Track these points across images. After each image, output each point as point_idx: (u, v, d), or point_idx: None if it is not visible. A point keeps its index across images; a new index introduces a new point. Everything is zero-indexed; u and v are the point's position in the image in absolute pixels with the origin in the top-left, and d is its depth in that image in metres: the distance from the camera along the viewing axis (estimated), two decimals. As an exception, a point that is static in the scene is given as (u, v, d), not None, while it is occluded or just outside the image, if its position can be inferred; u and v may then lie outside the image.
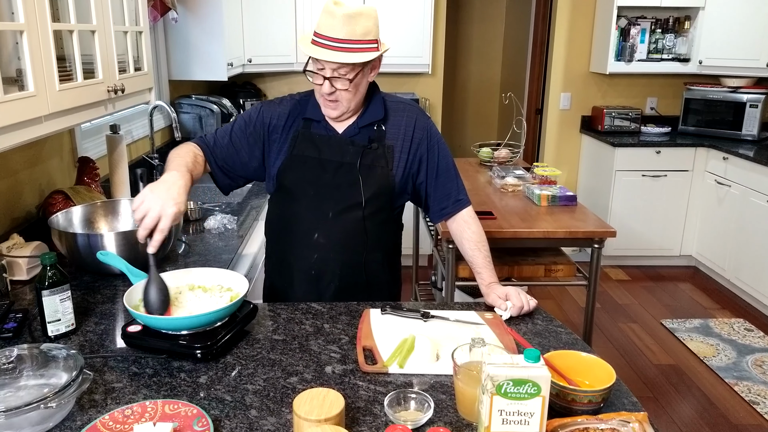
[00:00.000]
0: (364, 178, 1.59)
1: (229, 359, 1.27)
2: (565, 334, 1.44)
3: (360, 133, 1.62)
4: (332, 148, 1.61)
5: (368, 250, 1.64)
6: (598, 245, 2.39)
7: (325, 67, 1.50)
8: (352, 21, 1.45)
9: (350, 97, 1.54)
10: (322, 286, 1.65)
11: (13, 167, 1.91)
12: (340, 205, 1.60)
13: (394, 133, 1.63)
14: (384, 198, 1.62)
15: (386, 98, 1.67)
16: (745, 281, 3.97)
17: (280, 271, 1.71)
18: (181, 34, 3.30)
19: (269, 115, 1.65)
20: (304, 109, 1.65)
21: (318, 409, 0.99)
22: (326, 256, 1.62)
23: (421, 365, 1.25)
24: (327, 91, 1.52)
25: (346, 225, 1.60)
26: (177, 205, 1.31)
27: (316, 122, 1.63)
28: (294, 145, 1.62)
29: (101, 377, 1.20)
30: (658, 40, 4.51)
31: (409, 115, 1.66)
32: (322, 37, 1.48)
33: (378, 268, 1.68)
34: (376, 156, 1.60)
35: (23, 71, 1.32)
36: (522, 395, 0.94)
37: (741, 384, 3.06)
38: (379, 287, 1.70)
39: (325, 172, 1.60)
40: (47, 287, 1.32)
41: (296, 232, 1.63)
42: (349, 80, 1.50)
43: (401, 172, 1.63)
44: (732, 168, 4.08)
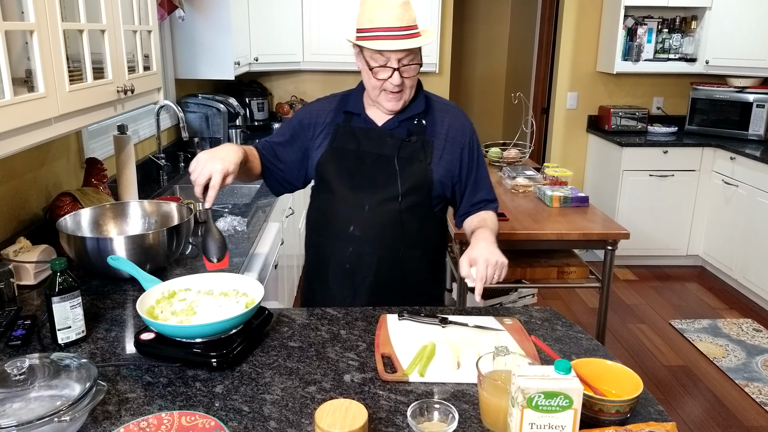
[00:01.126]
0: (401, 170, 1.57)
1: (245, 368, 1.24)
2: (585, 340, 1.41)
3: (399, 126, 1.61)
4: (371, 140, 1.60)
5: (406, 246, 1.61)
6: (612, 247, 2.36)
7: (390, 59, 1.50)
8: (407, 7, 1.49)
9: (412, 86, 1.56)
10: (357, 280, 1.62)
11: (19, 169, 1.88)
12: (376, 197, 1.58)
13: (436, 130, 1.62)
14: (422, 192, 1.59)
15: (430, 95, 1.68)
16: (752, 281, 3.94)
17: (316, 265, 1.69)
18: (188, 33, 3.26)
19: (307, 115, 1.68)
20: (346, 103, 1.66)
21: (341, 421, 0.96)
22: (361, 250, 1.60)
23: (442, 373, 1.22)
24: (397, 83, 1.52)
25: (382, 218, 1.58)
26: (223, 162, 1.37)
27: (356, 115, 1.64)
28: (334, 138, 1.63)
29: (114, 387, 1.17)
30: (665, 39, 4.48)
31: (453, 116, 1.66)
32: (382, 30, 1.48)
33: (417, 266, 1.65)
34: (415, 149, 1.59)
35: (33, 72, 1.29)
36: (554, 408, 0.91)
37: (752, 385, 3.04)
38: (418, 287, 1.67)
39: (363, 164, 1.59)
40: (57, 293, 1.29)
41: (333, 224, 1.62)
42: (417, 65, 1.52)
43: (441, 170, 1.60)
44: (739, 168, 4.05)
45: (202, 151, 1.42)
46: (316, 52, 4.23)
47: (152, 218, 1.90)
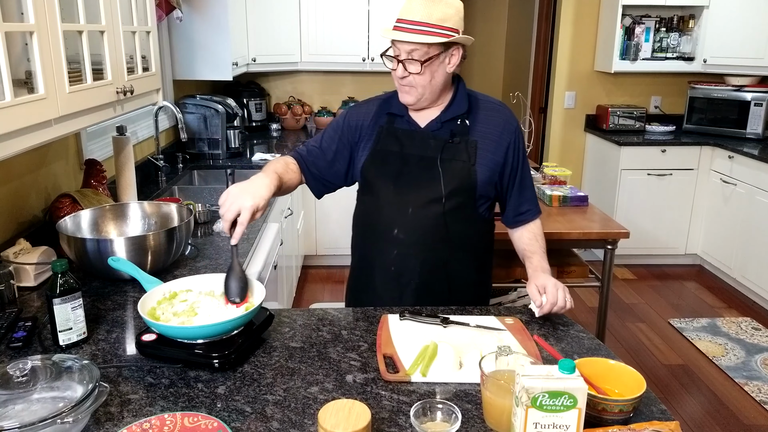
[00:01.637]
0: (444, 172, 1.56)
1: (246, 368, 1.24)
2: (587, 339, 1.41)
3: (442, 128, 1.60)
4: (414, 142, 1.59)
5: (450, 248, 1.60)
6: (611, 246, 2.37)
7: (400, 51, 1.50)
8: (431, 5, 1.46)
9: (425, 83, 1.53)
10: (402, 283, 1.62)
11: (19, 171, 1.87)
12: (420, 199, 1.57)
13: (480, 129, 1.60)
14: (466, 194, 1.58)
15: (476, 95, 1.66)
16: (751, 280, 3.95)
17: (362, 267, 1.69)
18: (186, 34, 3.26)
19: (355, 117, 1.68)
20: (389, 104, 1.65)
21: (344, 422, 0.95)
22: (406, 253, 1.59)
23: (444, 373, 1.22)
24: (400, 75, 1.52)
25: (425, 221, 1.57)
26: (254, 198, 1.35)
27: (399, 117, 1.63)
28: (378, 141, 1.63)
29: (116, 388, 1.17)
30: (663, 38, 4.48)
31: (499, 115, 1.63)
32: (400, 21, 1.49)
33: (462, 268, 1.64)
34: (458, 150, 1.57)
35: (33, 73, 1.28)
36: (558, 407, 0.91)
37: (751, 384, 3.04)
38: (464, 288, 1.66)
39: (407, 166, 1.58)
40: (58, 295, 1.29)
41: (377, 227, 1.62)
42: (420, 62, 1.49)
43: (486, 171, 1.58)
44: (738, 167, 4.05)
45: (234, 185, 1.39)
46: (314, 52, 4.23)
47: (152, 219, 1.89)
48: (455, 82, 1.63)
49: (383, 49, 1.57)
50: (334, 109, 4.64)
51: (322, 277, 4.28)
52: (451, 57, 1.54)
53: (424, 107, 1.60)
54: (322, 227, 4.22)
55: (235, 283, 1.34)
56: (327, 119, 4.57)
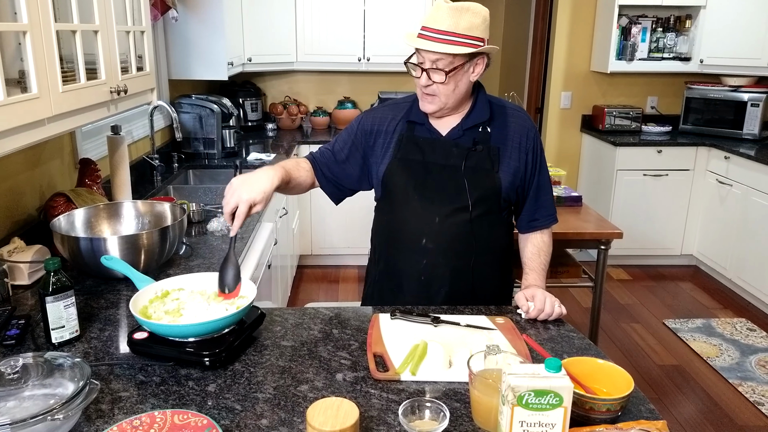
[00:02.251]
0: (469, 180, 1.56)
1: (237, 366, 1.25)
2: (577, 339, 1.42)
3: (464, 135, 1.59)
4: (436, 151, 1.58)
5: (477, 254, 1.60)
6: (605, 246, 2.38)
7: (424, 60, 1.49)
8: (457, 14, 1.45)
9: (448, 93, 1.52)
10: (432, 291, 1.62)
11: (13, 169, 1.88)
12: (446, 208, 1.57)
13: (501, 135, 1.60)
14: (491, 201, 1.58)
15: (493, 100, 1.65)
16: (746, 281, 3.96)
17: (389, 277, 1.67)
18: (181, 33, 3.26)
19: (369, 122, 1.66)
20: (409, 111, 1.64)
21: (332, 419, 0.96)
22: (436, 262, 1.59)
23: (433, 372, 1.23)
24: (424, 83, 1.51)
25: (453, 229, 1.57)
26: (251, 192, 1.36)
27: (420, 125, 1.61)
28: (399, 149, 1.61)
29: (107, 386, 1.17)
30: (659, 39, 4.49)
31: (517, 120, 1.62)
32: (426, 29, 1.48)
33: (488, 271, 1.65)
34: (481, 158, 1.57)
35: (26, 72, 1.29)
36: (544, 406, 0.92)
37: (745, 384, 3.05)
38: (490, 292, 1.67)
39: (430, 175, 1.58)
40: (51, 293, 1.29)
41: (404, 238, 1.61)
42: (445, 72, 1.48)
43: (509, 177, 1.58)
44: (733, 167, 4.07)
45: (236, 177, 1.40)
46: (309, 52, 4.24)
47: (146, 218, 1.90)
48: (475, 88, 1.62)
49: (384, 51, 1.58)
50: (330, 109, 4.65)
51: (318, 276, 4.29)
52: (475, 66, 1.53)
53: (445, 115, 1.60)
54: (318, 227, 4.23)
55: (229, 273, 1.37)
56: (323, 119, 4.57)
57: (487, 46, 1.50)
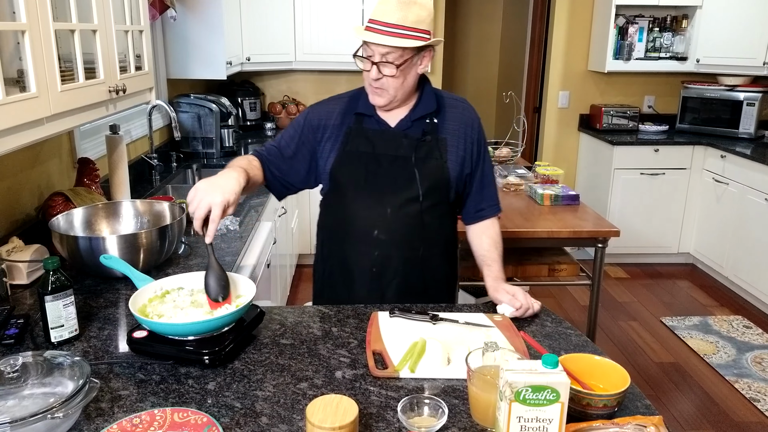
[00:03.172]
0: (419, 170, 1.57)
1: (237, 365, 1.25)
2: (575, 336, 1.43)
3: (413, 126, 1.60)
4: (386, 142, 1.59)
5: (427, 245, 1.62)
6: (602, 245, 2.38)
7: (374, 53, 1.50)
8: (405, 7, 1.46)
9: (397, 85, 1.53)
10: (384, 283, 1.63)
11: (12, 169, 1.88)
12: (398, 200, 1.58)
13: (447, 126, 1.62)
14: (441, 191, 1.61)
15: (439, 93, 1.66)
16: (743, 279, 3.98)
17: (341, 272, 1.68)
18: (180, 33, 3.26)
19: (316, 116, 1.66)
20: (356, 104, 1.64)
21: (332, 416, 0.97)
22: (387, 253, 1.60)
23: (432, 369, 1.24)
24: (374, 77, 1.51)
25: (405, 220, 1.59)
26: (223, 193, 1.32)
27: (368, 117, 1.62)
28: (347, 141, 1.61)
29: (107, 384, 1.18)
30: (656, 38, 4.51)
31: (463, 111, 1.65)
32: (374, 22, 1.48)
33: (438, 262, 1.67)
34: (430, 148, 1.59)
35: (25, 72, 1.29)
36: (541, 402, 0.92)
37: (741, 381, 3.07)
38: (440, 282, 1.69)
39: (380, 166, 1.59)
40: (50, 292, 1.29)
41: (355, 230, 1.61)
42: (396, 65, 1.49)
43: (457, 167, 1.61)
44: (730, 166, 4.08)
45: (201, 180, 1.36)
46: (308, 51, 4.24)
47: (144, 218, 1.90)
48: (421, 81, 1.63)
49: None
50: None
51: (317, 275, 4.28)
52: (423, 59, 1.55)
53: (394, 108, 1.61)
54: (317, 226, 4.22)
55: (215, 281, 1.33)
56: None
57: (434, 38, 1.53)
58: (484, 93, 6.57)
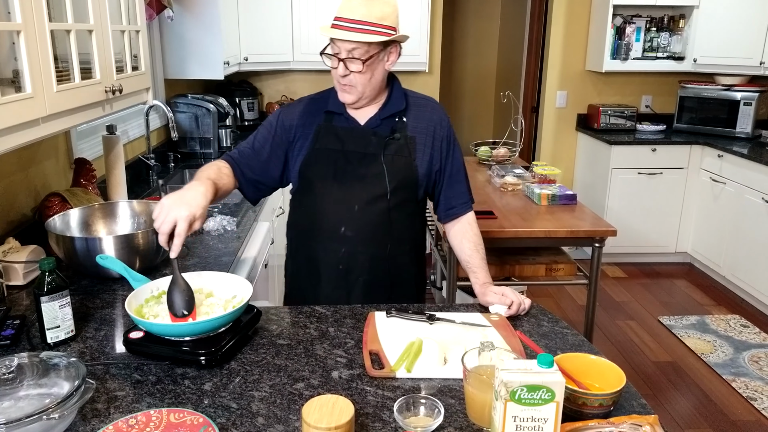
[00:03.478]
0: (388, 168, 1.58)
1: (233, 365, 1.25)
2: (571, 335, 1.43)
3: (382, 125, 1.62)
4: (355, 140, 1.60)
5: (394, 243, 1.63)
6: (599, 244, 2.39)
7: (340, 50, 1.51)
8: (370, 3, 1.47)
9: (365, 82, 1.54)
10: (350, 280, 1.63)
11: (8, 169, 1.88)
12: (366, 196, 1.59)
13: (416, 125, 1.63)
14: (409, 189, 1.62)
15: (408, 92, 1.68)
16: (740, 278, 3.99)
17: (308, 269, 1.68)
18: (177, 33, 3.26)
19: (288, 117, 1.67)
20: (325, 103, 1.65)
21: (328, 416, 0.97)
22: (354, 250, 1.61)
23: (429, 369, 1.24)
24: (341, 73, 1.52)
25: (372, 217, 1.59)
26: (189, 208, 1.30)
27: (338, 115, 1.63)
28: (317, 139, 1.62)
29: (103, 385, 1.18)
30: (653, 38, 4.51)
31: (432, 111, 1.67)
32: (339, 19, 1.49)
33: (405, 261, 1.68)
34: (399, 146, 1.60)
35: (20, 72, 1.29)
36: (536, 401, 0.92)
37: (738, 380, 3.07)
38: (407, 281, 1.70)
39: (349, 163, 1.59)
40: (46, 293, 1.29)
41: (323, 227, 1.62)
42: (362, 61, 1.49)
43: (425, 165, 1.62)
44: (727, 165, 4.09)
45: (166, 196, 1.33)
46: (306, 51, 4.23)
47: (141, 218, 1.90)
48: (390, 79, 1.65)
49: None
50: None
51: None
52: (389, 55, 1.56)
53: (363, 105, 1.62)
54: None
55: (179, 296, 1.30)
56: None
57: (400, 34, 1.54)
58: (482, 92, 6.57)
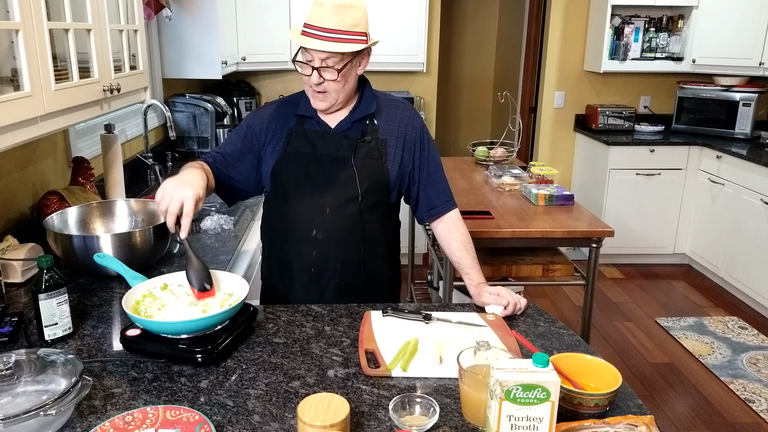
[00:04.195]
0: (359, 171, 1.58)
1: (229, 363, 1.26)
2: (567, 335, 1.43)
3: (352, 128, 1.62)
4: (326, 143, 1.61)
5: (367, 246, 1.63)
6: (596, 245, 2.39)
7: (314, 58, 1.50)
8: (342, 12, 1.46)
9: (338, 89, 1.54)
10: (323, 283, 1.64)
11: (7, 168, 1.88)
12: (337, 200, 1.59)
13: (386, 128, 1.64)
14: (380, 192, 1.62)
15: (377, 94, 1.68)
16: (738, 279, 3.99)
17: (281, 272, 1.69)
18: (175, 32, 3.26)
19: (257, 121, 1.67)
20: (296, 106, 1.65)
21: (323, 414, 0.97)
22: (326, 253, 1.61)
23: (424, 368, 1.24)
24: (315, 82, 1.52)
25: (344, 220, 1.60)
26: (194, 188, 1.35)
27: (309, 118, 1.63)
28: (288, 143, 1.62)
29: (100, 382, 1.18)
30: (652, 38, 4.52)
31: (402, 112, 1.67)
32: (312, 27, 1.48)
33: (379, 264, 1.68)
34: (370, 149, 1.61)
35: (19, 71, 1.29)
36: (531, 400, 0.93)
37: (736, 382, 3.08)
38: (381, 284, 1.70)
39: (321, 167, 1.60)
40: (44, 291, 1.30)
41: (294, 230, 1.62)
42: (337, 70, 1.50)
43: (396, 167, 1.63)
44: (725, 166, 4.09)
45: (167, 180, 1.37)
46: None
47: (139, 216, 1.90)
48: (361, 82, 1.65)
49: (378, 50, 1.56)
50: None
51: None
52: (362, 60, 1.57)
53: (335, 111, 1.62)
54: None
55: (197, 273, 1.35)
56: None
57: (372, 40, 1.54)
58: (480, 93, 6.58)
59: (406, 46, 4.20)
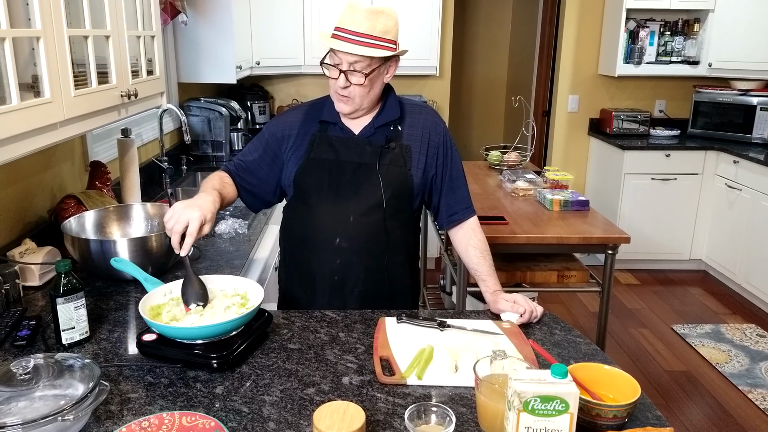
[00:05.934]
0: (383, 178, 1.57)
1: (244, 369, 1.26)
2: (584, 344, 1.42)
3: (376, 134, 1.61)
4: (350, 150, 1.60)
5: (390, 253, 1.62)
6: (612, 251, 2.37)
7: (342, 61, 1.50)
8: (374, 17, 1.46)
9: (363, 94, 1.54)
10: (346, 291, 1.63)
11: (25, 172, 1.90)
12: (361, 207, 1.58)
13: (410, 133, 1.63)
14: (404, 199, 1.61)
15: (403, 100, 1.68)
16: (756, 286, 3.94)
17: (300, 279, 1.67)
18: (191, 37, 3.29)
19: (280, 127, 1.66)
20: (320, 112, 1.64)
21: (339, 423, 0.97)
22: (349, 261, 1.60)
23: (439, 377, 1.23)
24: (342, 85, 1.52)
25: (368, 228, 1.58)
26: (200, 210, 1.36)
27: (332, 124, 1.63)
28: (311, 149, 1.61)
29: (116, 387, 1.19)
30: (667, 42, 4.48)
31: (426, 117, 1.66)
32: (342, 31, 1.48)
33: (401, 271, 1.67)
34: (394, 156, 1.60)
35: (39, 77, 1.31)
36: (550, 412, 0.92)
37: (755, 391, 3.03)
38: (402, 292, 1.69)
39: (344, 174, 1.59)
40: (62, 294, 1.31)
41: (317, 237, 1.61)
42: (364, 75, 1.49)
43: (420, 173, 1.62)
44: (743, 172, 4.04)
45: (178, 202, 1.39)
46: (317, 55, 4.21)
47: (155, 221, 1.91)
48: (385, 89, 1.64)
49: None
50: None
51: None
52: (389, 68, 1.56)
53: (359, 116, 1.61)
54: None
55: (193, 291, 1.36)
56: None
57: (401, 49, 1.54)
58: (493, 97, 6.56)
59: (419, 50, 4.19)
